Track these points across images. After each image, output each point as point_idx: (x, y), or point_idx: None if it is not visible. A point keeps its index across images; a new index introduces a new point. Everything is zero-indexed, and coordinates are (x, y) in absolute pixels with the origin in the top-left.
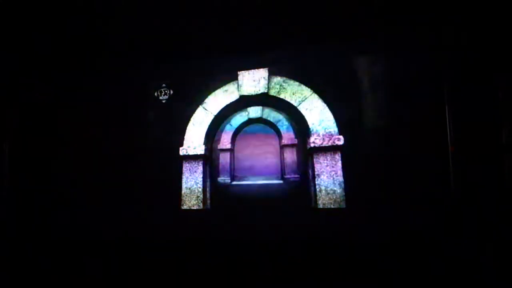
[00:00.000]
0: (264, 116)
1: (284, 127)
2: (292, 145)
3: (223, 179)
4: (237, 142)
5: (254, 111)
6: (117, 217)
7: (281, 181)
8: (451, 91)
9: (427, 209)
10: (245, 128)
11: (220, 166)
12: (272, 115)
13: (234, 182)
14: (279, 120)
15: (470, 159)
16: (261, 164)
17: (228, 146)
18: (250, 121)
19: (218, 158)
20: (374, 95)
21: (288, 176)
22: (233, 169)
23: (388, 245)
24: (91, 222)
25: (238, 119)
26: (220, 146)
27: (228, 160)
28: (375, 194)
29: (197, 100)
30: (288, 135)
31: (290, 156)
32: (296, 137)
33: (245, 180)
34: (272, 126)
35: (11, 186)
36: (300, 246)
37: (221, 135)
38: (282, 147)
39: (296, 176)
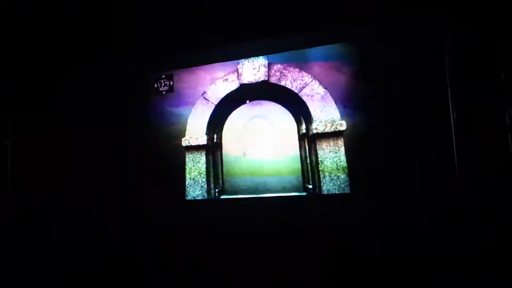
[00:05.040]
0: (273, 80)
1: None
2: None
3: (194, 195)
4: (225, 132)
5: (252, 73)
6: (121, 211)
7: (303, 193)
8: (452, 71)
9: (431, 194)
10: (238, 109)
11: (188, 176)
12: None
13: (223, 196)
14: (304, 87)
15: (475, 142)
16: (267, 167)
17: (203, 141)
18: (243, 92)
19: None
20: (375, 79)
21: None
22: (218, 177)
23: (392, 230)
24: (93, 216)
25: (222, 86)
26: (187, 142)
27: (203, 164)
28: (379, 179)
29: (198, 90)
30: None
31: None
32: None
33: (240, 194)
34: (286, 101)
35: (13, 182)
36: (305, 232)
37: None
38: (303, 136)
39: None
